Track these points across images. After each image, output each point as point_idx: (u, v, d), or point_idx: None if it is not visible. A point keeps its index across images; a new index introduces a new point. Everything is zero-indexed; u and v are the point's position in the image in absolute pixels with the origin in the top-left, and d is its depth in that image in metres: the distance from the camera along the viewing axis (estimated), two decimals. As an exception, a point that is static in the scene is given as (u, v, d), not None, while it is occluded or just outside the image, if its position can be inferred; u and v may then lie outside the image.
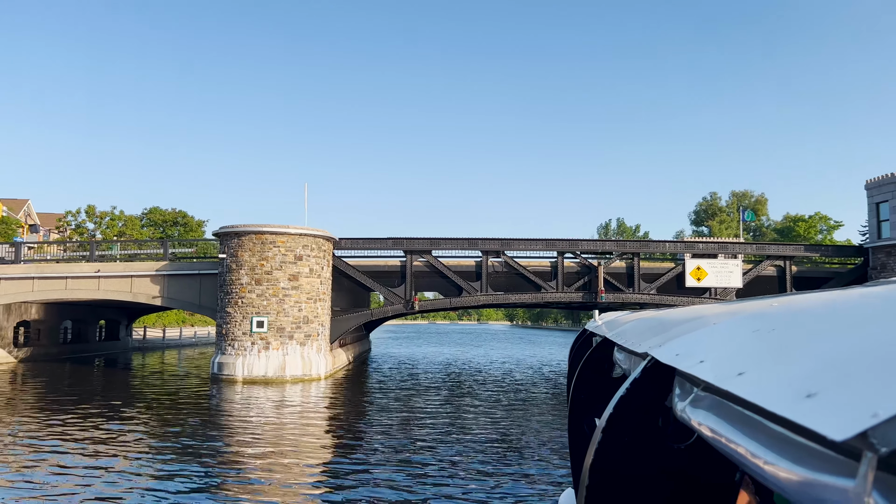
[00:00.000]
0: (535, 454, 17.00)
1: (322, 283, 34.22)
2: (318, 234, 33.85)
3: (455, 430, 19.99)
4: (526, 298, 37.75)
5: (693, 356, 1.34)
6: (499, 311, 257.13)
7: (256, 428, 20.26)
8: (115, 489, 12.98)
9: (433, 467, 15.21)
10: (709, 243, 39.15)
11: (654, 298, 37.67)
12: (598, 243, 37.82)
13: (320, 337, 33.96)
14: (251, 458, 16.04)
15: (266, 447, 17.35)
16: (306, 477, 14.40)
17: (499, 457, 16.44)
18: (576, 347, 4.83)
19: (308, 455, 16.68)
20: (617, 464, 1.75)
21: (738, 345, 1.27)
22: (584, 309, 50.13)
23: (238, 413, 23.67)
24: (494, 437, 18.97)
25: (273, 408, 24.95)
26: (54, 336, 48.08)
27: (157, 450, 16.71)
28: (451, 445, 17.71)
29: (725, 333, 1.46)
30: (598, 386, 3.36)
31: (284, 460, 15.80)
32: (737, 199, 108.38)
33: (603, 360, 3.33)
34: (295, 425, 21.04)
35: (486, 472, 14.71)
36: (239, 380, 31.97)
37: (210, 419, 22.25)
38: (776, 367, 0.96)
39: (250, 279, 32.56)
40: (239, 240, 32.97)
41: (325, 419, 22.85)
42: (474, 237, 37.52)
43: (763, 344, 1.16)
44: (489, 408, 25.16)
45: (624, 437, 1.74)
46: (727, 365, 1.12)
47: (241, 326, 32.44)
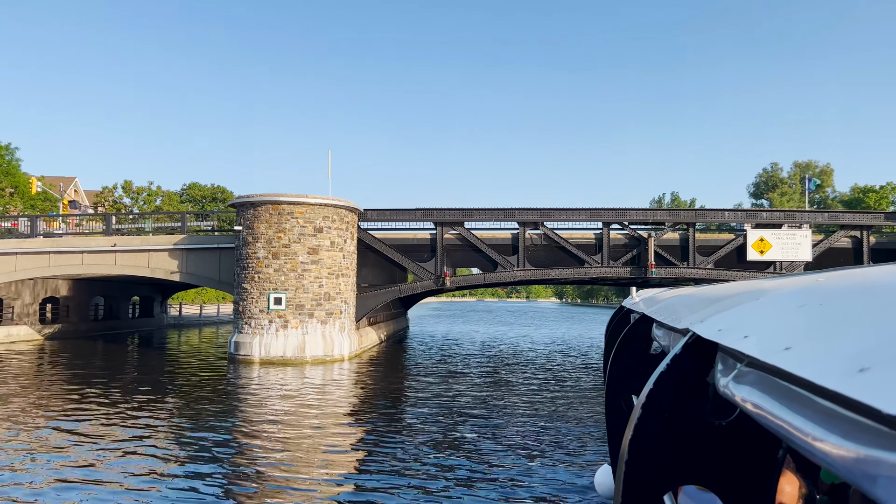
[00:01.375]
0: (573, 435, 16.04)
1: (345, 257, 31.74)
2: (340, 205, 31.31)
3: (487, 423, 17.30)
4: (567, 274, 34.59)
5: (736, 331, 1.35)
6: (548, 289, 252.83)
7: (268, 418, 18.07)
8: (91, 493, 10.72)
9: (461, 459, 13.23)
10: (774, 212, 35.18)
11: (711, 274, 34.03)
12: (649, 213, 34.26)
13: (343, 315, 31.57)
14: (263, 454, 13.92)
15: (278, 443, 14.94)
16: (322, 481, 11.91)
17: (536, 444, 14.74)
18: (612, 324, 5.26)
19: (323, 451, 14.29)
20: (656, 440, 1.73)
21: (784, 320, 1.26)
22: (633, 286, 46.61)
23: (250, 400, 21.52)
24: (531, 431, 16.20)
25: (288, 393, 22.71)
26: (84, 313, 47.16)
27: (151, 442, 14.76)
28: (481, 438, 15.11)
29: (770, 308, 1.46)
30: (635, 363, 3.46)
31: (300, 455, 13.39)
32: (799, 169, 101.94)
33: (640, 337, 3.48)
34: (310, 413, 18.77)
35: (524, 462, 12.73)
36: (256, 360, 29.86)
37: (220, 406, 20.22)
38: (825, 342, 0.94)
39: (267, 253, 30.28)
40: (255, 211, 30.70)
41: (343, 406, 20.43)
42: (510, 207, 34.45)
43: (810, 319, 1.15)
44: (528, 397, 22.35)
45: (664, 412, 1.72)
46: (773, 340, 1.12)
47: (258, 303, 30.27)
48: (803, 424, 0.88)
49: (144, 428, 16.15)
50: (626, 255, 34.61)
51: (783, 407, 0.98)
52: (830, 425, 0.81)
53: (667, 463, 1.77)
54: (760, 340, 1.18)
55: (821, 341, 0.97)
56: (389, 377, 27.38)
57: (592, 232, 35.08)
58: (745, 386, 1.20)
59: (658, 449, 1.74)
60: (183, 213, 35.78)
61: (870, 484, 0.70)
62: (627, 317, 4.46)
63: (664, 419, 1.72)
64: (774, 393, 1.03)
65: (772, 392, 1.05)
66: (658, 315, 2.76)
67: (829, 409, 0.82)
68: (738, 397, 1.22)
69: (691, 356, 1.71)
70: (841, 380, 0.78)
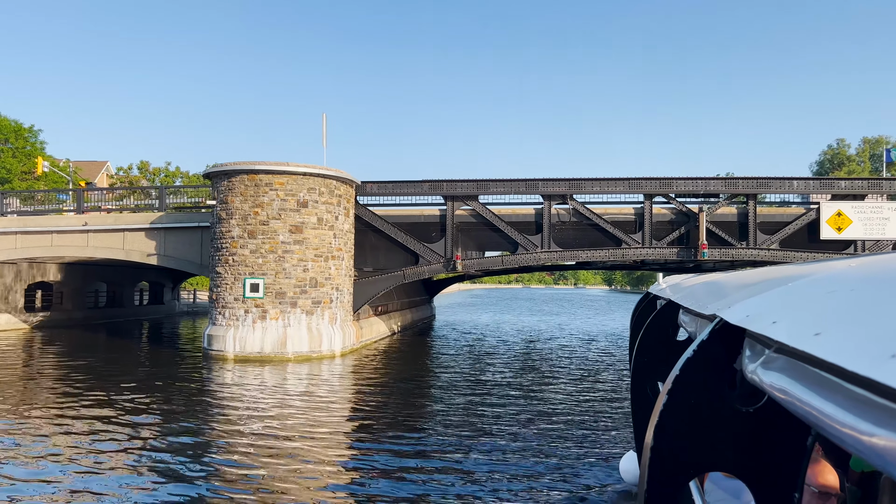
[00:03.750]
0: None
1: (337, 236, 27.12)
2: (331, 175, 26.65)
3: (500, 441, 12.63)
4: (601, 256, 29.25)
5: (765, 317, 1.34)
6: (597, 276, 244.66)
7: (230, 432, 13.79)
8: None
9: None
10: (855, 180, 29.07)
11: (776, 255, 28.24)
12: (700, 182, 28.61)
13: (335, 304, 26.99)
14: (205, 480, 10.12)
15: (231, 473, 10.42)
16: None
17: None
18: (638, 311, 5.30)
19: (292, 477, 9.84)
20: (682, 426, 1.70)
21: (813, 305, 1.25)
22: (681, 271, 40.73)
23: (209, 407, 17.35)
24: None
25: (255, 399, 18.38)
26: (81, 300, 43.86)
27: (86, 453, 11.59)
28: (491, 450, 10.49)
29: (799, 294, 1.43)
30: (661, 350, 3.45)
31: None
32: (869, 146, 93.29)
33: (666, 323, 3.51)
34: (270, 431, 14.33)
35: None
36: (230, 357, 25.57)
37: (169, 411, 16.20)
38: (856, 328, 0.94)
39: (242, 231, 25.87)
40: (229, 182, 26.30)
41: (317, 420, 15.89)
42: (533, 178, 29.24)
43: (841, 304, 1.13)
44: (555, 404, 17.39)
45: (690, 398, 1.70)
46: (802, 325, 1.10)
47: (233, 290, 25.92)
48: (833, 411, 0.87)
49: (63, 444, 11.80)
50: (673, 233, 29.06)
51: (813, 393, 0.97)
52: (861, 412, 0.80)
53: (692, 450, 1.74)
54: (789, 326, 1.18)
55: (852, 327, 0.96)
56: (388, 379, 22.72)
57: (631, 206, 29.62)
58: (773, 372, 1.21)
59: (684, 435, 1.71)
60: (161, 186, 31.70)
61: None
62: (654, 303, 4.55)
63: (690, 406, 1.70)
64: (804, 379, 1.03)
65: (801, 378, 1.04)
66: (685, 301, 2.82)
67: (860, 395, 0.81)
68: (767, 383, 1.23)
69: (718, 342, 1.70)
70: (872, 365, 0.76)
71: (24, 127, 58.60)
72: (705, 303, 2.27)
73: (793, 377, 1.08)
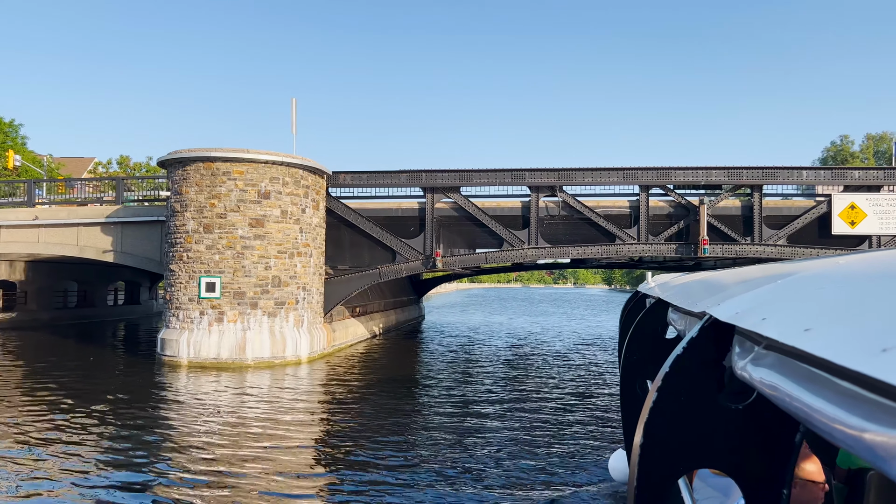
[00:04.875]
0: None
1: (304, 231, 24.79)
2: (296, 163, 24.32)
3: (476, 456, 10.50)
4: (593, 252, 26.92)
5: (754, 313, 1.34)
6: (596, 275, 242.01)
7: (171, 453, 11.81)
8: None
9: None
10: (870, 170, 26.71)
11: (784, 252, 25.91)
12: (701, 172, 26.26)
13: (301, 305, 24.66)
14: None
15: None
16: None
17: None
18: (628, 309, 5.32)
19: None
20: (671, 423, 1.70)
21: (803, 302, 1.25)
22: (680, 269, 38.39)
23: (160, 419, 15.19)
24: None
25: (207, 412, 16.19)
26: (48, 300, 41.48)
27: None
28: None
29: (788, 291, 1.43)
30: (650, 348, 3.47)
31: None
32: (873, 142, 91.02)
33: (656, 322, 3.49)
34: (212, 451, 12.15)
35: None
36: (183, 363, 23.25)
37: (112, 429, 13.96)
38: (846, 323, 0.94)
39: (198, 225, 23.54)
40: (183, 171, 23.97)
41: (271, 436, 13.65)
42: (519, 168, 26.90)
43: (830, 300, 1.13)
44: (546, 417, 15.10)
45: (679, 396, 1.70)
46: (792, 321, 1.11)
47: (187, 290, 23.59)
48: (824, 406, 0.87)
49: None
50: (671, 228, 26.72)
51: (803, 389, 0.97)
52: (852, 407, 0.80)
53: (682, 447, 1.74)
54: (779, 322, 1.18)
55: (842, 323, 0.95)
56: (360, 387, 20.46)
57: (626, 199, 27.28)
58: (763, 368, 1.21)
59: (673, 433, 1.71)
60: (119, 178, 29.38)
61: (890, 465, 0.69)
62: (643, 302, 4.55)
63: (680, 403, 1.70)
64: (794, 375, 1.03)
65: (791, 374, 1.04)
66: (674, 299, 2.83)
67: (850, 390, 0.81)
68: (757, 380, 1.23)
69: (708, 339, 1.70)
70: (863, 360, 0.76)
71: (3, 121, 56.35)
72: (694, 300, 2.32)
73: (783, 373, 1.09)
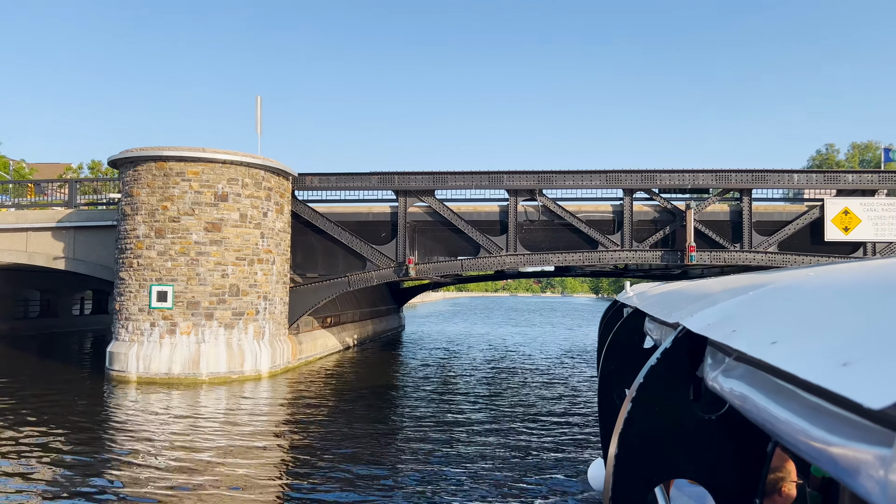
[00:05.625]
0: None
1: (266, 236, 23.16)
2: (256, 163, 22.72)
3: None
4: (574, 260, 25.45)
5: (725, 325, 1.35)
6: (583, 283, 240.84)
7: (111, 482, 10.33)
8: None
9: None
10: (864, 174, 25.45)
11: (775, 259, 24.56)
12: (688, 175, 24.90)
13: (262, 315, 23.00)
14: None
15: None
16: None
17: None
18: (606, 319, 5.25)
19: None
20: (646, 433, 1.71)
21: (772, 314, 1.26)
22: (666, 277, 37.04)
23: (100, 442, 13.56)
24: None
25: (153, 433, 14.57)
26: (6, 309, 39.38)
27: None
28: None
29: (759, 303, 1.46)
30: (628, 357, 3.48)
31: None
32: (858, 151, 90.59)
33: (633, 331, 3.48)
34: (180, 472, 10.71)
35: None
36: (132, 379, 21.51)
37: (48, 454, 12.30)
38: (810, 337, 0.96)
39: (149, 229, 21.86)
40: (135, 171, 22.30)
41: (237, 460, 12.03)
42: (497, 170, 25.44)
43: (797, 314, 1.15)
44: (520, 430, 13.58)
45: (654, 406, 1.71)
46: (760, 334, 1.12)
47: (137, 300, 21.89)
48: (790, 418, 0.89)
49: None
50: (656, 234, 25.32)
51: (770, 401, 0.99)
52: (816, 419, 0.81)
53: (657, 457, 1.75)
54: (748, 335, 1.18)
55: (807, 336, 0.97)
56: (325, 404, 18.87)
57: (609, 203, 25.87)
58: (733, 380, 1.21)
59: (648, 442, 1.72)
60: (72, 180, 27.61)
61: (852, 478, 0.70)
62: (621, 311, 4.61)
63: (654, 413, 1.71)
64: (761, 387, 1.04)
65: (759, 386, 1.06)
66: (650, 309, 2.85)
67: (813, 403, 0.82)
68: (727, 391, 1.24)
69: (682, 350, 1.71)
70: (825, 374, 0.77)
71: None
72: (669, 311, 2.32)
73: (751, 385, 1.10)
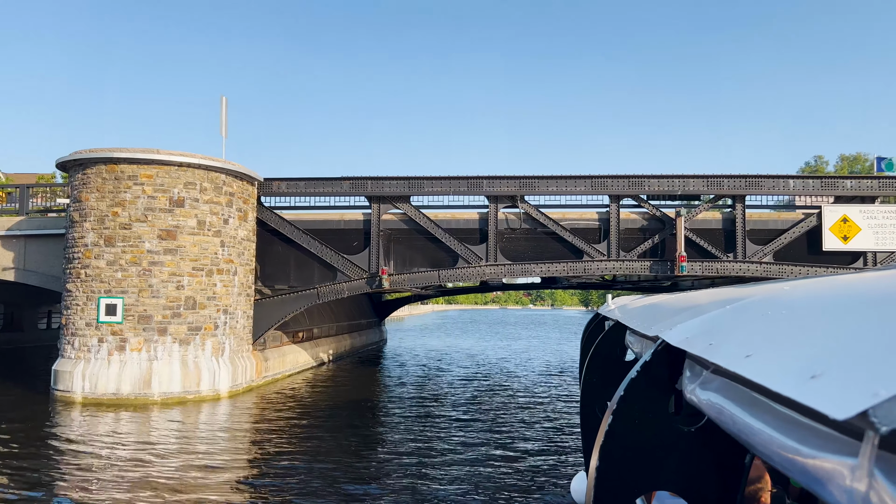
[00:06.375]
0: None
1: (226, 244, 21.55)
2: (216, 166, 21.15)
3: None
4: (559, 270, 23.95)
5: (703, 339, 1.36)
6: (573, 296, 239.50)
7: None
8: None
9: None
10: (863, 179, 24.14)
11: (771, 270, 23.16)
12: (678, 181, 23.51)
13: (222, 330, 21.34)
14: None
15: None
16: None
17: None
18: (588, 332, 5.50)
19: None
20: (627, 446, 1.72)
21: (748, 328, 1.28)
22: (655, 290, 35.59)
23: (35, 471, 11.80)
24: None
25: (93, 463, 12.88)
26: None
27: None
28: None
29: (736, 317, 1.46)
30: (609, 370, 3.48)
31: None
32: (847, 163, 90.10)
33: (615, 344, 3.54)
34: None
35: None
36: (77, 399, 19.79)
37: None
38: (783, 350, 0.98)
39: (97, 237, 20.21)
40: (83, 174, 20.67)
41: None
42: (476, 175, 23.98)
43: (773, 327, 1.16)
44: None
45: (634, 418, 1.72)
46: (736, 347, 1.14)
47: (85, 313, 20.19)
48: (763, 429, 0.92)
49: None
50: (645, 242, 23.87)
51: (745, 412, 1.02)
52: (787, 430, 0.84)
53: (637, 469, 1.74)
54: (724, 348, 1.19)
55: (779, 350, 0.99)
56: (286, 428, 17.15)
57: (595, 210, 24.42)
58: (710, 392, 1.24)
59: (629, 455, 1.72)
60: (23, 185, 25.92)
61: (822, 487, 0.72)
62: (603, 324, 4.57)
63: (635, 425, 1.71)
64: (737, 399, 1.07)
65: (734, 398, 1.09)
66: (631, 322, 2.86)
67: (785, 414, 0.85)
68: (704, 403, 1.26)
69: (661, 363, 1.72)
70: (794, 386, 0.79)
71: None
72: (649, 324, 2.34)
73: (727, 397, 1.12)
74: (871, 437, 0.64)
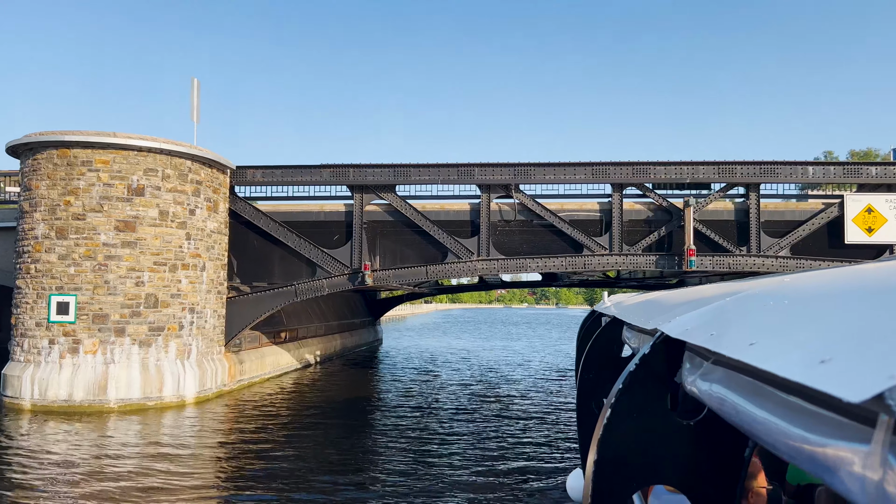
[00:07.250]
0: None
1: (193, 237, 19.75)
2: (181, 151, 19.34)
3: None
4: (557, 265, 22.05)
5: (703, 330, 1.35)
6: (579, 295, 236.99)
7: None
8: None
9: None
10: (890, 165, 22.17)
11: (787, 264, 21.24)
12: (686, 168, 21.61)
13: (188, 331, 19.53)
14: None
15: None
16: None
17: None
18: (584, 328, 5.43)
19: None
20: (625, 440, 1.69)
21: (750, 318, 1.27)
22: (660, 287, 33.63)
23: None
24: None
25: (40, 482, 11.13)
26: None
27: None
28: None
29: (737, 308, 1.45)
30: (606, 366, 3.49)
31: None
32: (858, 158, 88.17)
33: (611, 340, 3.50)
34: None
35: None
36: (26, 406, 18.02)
37: None
38: (788, 337, 0.96)
39: (49, 228, 18.43)
40: (33, 160, 18.90)
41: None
42: (467, 162, 22.11)
43: (776, 317, 1.16)
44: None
45: (633, 413, 1.70)
46: (738, 336, 1.13)
47: (35, 312, 18.41)
48: (768, 418, 0.90)
49: None
50: (650, 235, 21.96)
51: (748, 402, 1.00)
52: (793, 418, 0.82)
53: (636, 463, 1.72)
54: (726, 337, 1.18)
55: (784, 337, 0.98)
56: (257, 441, 15.30)
57: (596, 201, 22.52)
58: (711, 383, 1.22)
59: (627, 449, 1.69)
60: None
61: (831, 475, 0.71)
62: (599, 321, 4.55)
63: (633, 419, 1.69)
64: (740, 388, 1.05)
65: (737, 388, 1.07)
66: (628, 317, 2.83)
67: (792, 402, 0.83)
68: (705, 394, 1.25)
69: (660, 356, 1.70)
70: (803, 371, 0.78)
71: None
72: (647, 318, 2.30)
73: (729, 387, 1.10)
74: (885, 422, 0.61)
